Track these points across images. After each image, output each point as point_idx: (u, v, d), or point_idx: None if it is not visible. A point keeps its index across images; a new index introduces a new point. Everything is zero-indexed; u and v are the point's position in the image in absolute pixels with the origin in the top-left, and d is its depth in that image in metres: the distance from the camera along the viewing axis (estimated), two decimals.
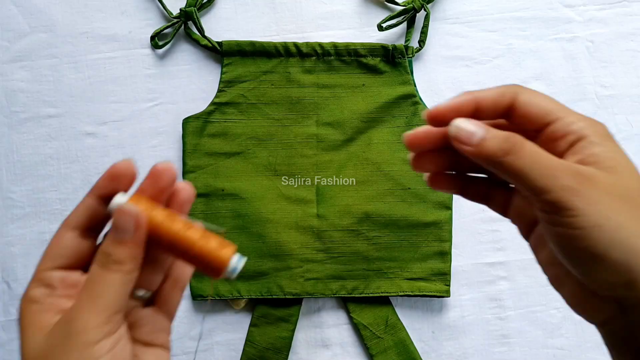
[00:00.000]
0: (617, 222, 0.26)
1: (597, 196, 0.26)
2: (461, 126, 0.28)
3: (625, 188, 0.27)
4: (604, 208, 0.26)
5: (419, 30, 0.63)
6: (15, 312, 0.60)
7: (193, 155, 0.60)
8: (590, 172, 0.27)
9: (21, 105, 0.61)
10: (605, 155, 0.27)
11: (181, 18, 0.61)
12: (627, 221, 0.26)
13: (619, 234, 0.26)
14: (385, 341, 0.60)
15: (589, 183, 0.26)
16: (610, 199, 0.26)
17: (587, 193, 0.26)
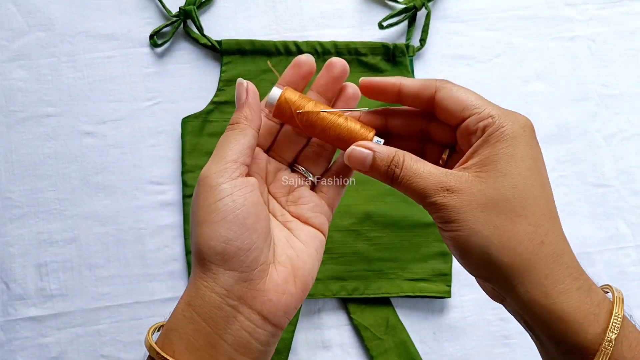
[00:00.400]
0: (472, 229, 0.30)
1: (458, 205, 0.30)
2: (355, 151, 0.33)
3: (493, 195, 0.30)
4: (464, 216, 0.30)
5: (419, 29, 0.63)
6: (14, 313, 0.59)
7: (192, 155, 0.60)
8: (456, 182, 0.30)
9: (19, 105, 0.61)
10: (488, 158, 0.30)
11: (180, 17, 0.61)
12: (482, 228, 0.30)
13: (473, 238, 0.30)
14: (385, 342, 0.59)
15: (452, 193, 0.30)
16: (469, 207, 0.30)
17: (450, 204, 0.30)
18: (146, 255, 0.60)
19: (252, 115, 0.34)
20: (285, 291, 0.33)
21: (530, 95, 0.64)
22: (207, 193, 0.32)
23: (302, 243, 0.36)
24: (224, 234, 0.31)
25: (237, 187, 0.32)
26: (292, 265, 0.34)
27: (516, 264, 0.29)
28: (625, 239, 0.63)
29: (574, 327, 0.29)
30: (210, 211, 0.31)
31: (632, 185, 0.63)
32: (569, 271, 0.30)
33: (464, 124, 0.32)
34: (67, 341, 0.60)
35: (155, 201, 0.61)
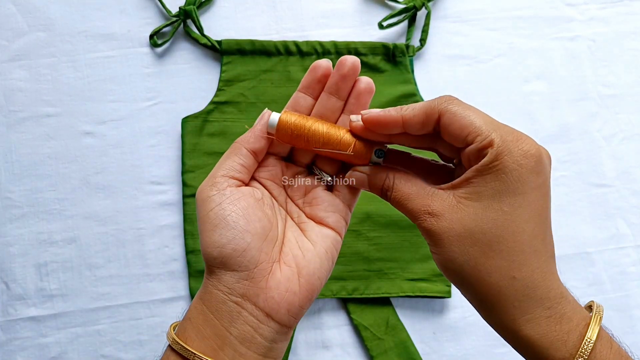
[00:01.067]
0: (449, 256, 0.31)
1: (438, 233, 0.32)
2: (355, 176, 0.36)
3: (467, 225, 0.31)
4: (440, 243, 0.32)
5: (419, 29, 0.63)
6: (14, 313, 0.59)
7: (192, 155, 0.60)
8: (438, 210, 0.32)
9: (19, 105, 0.61)
10: (475, 187, 0.31)
11: (180, 17, 0.61)
12: (459, 258, 0.31)
13: (450, 263, 0.32)
14: (385, 342, 0.59)
15: (432, 221, 0.32)
16: (446, 236, 0.31)
17: (432, 227, 0.32)
18: (146, 255, 0.60)
19: (251, 139, 0.37)
20: (288, 289, 0.34)
21: (530, 95, 0.64)
22: (201, 206, 0.35)
23: (312, 243, 0.37)
24: (217, 239, 0.34)
25: (225, 196, 0.35)
26: (296, 264, 0.36)
27: (485, 293, 0.31)
28: (625, 239, 0.63)
29: (541, 352, 0.31)
30: (204, 221, 0.35)
31: (632, 185, 0.63)
32: (540, 302, 0.31)
33: (467, 150, 0.32)
34: (67, 341, 0.60)
35: (155, 201, 0.61)
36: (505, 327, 0.31)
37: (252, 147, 0.37)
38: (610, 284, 0.62)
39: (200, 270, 0.59)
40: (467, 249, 0.31)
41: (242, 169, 0.36)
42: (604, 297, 0.62)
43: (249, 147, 0.37)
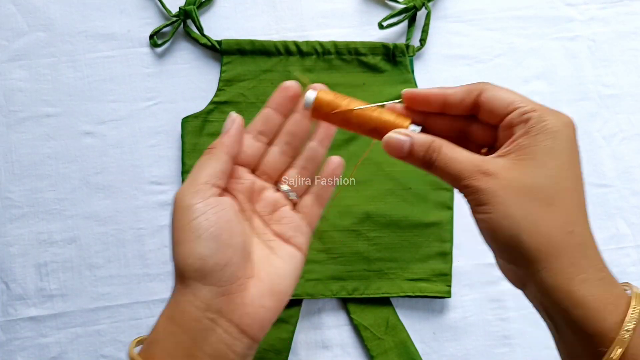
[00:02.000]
0: (505, 213, 0.31)
1: (492, 189, 0.31)
2: (392, 138, 0.34)
3: (528, 182, 0.31)
4: (497, 201, 0.31)
5: (420, 28, 0.63)
6: (14, 313, 0.60)
7: (192, 155, 0.60)
8: (493, 167, 0.32)
9: (19, 105, 0.61)
10: (527, 148, 0.31)
11: (180, 17, 0.61)
12: (515, 212, 0.31)
13: (505, 221, 0.31)
14: (385, 342, 0.59)
15: (488, 177, 0.31)
16: (505, 192, 0.31)
17: (484, 188, 0.31)
18: (146, 255, 0.60)
19: (229, 142, 0.37)
20: (262, 305, 0.35)
21: (530, 95, 0.62)
22: (182, 213, 0.34)
23: (282, 260, 0.38)
24: (200, 251, 0.33)
25: (209, 205, 0.34)
26: (270, 281, 0.36)
27: (544, 249, 0.31)
28: (625, 239, 0.63)
29: (593, 314, 0.30)
30: (186, 230, 0.34)
31: (632, 185, 0.63)
32: (593, 263, 0.31)
33: (508, 118, 0.33)
34: (67, 341, 0.60)
35: (155, 201, 0.61)
36: (557, 287, 0.31)
37: (231, 152, 0.37)
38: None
39: None
40: (525, 204, 0.31)
41: (222, 176, 0.36)
42: None
43: (228, 151, 0.37)
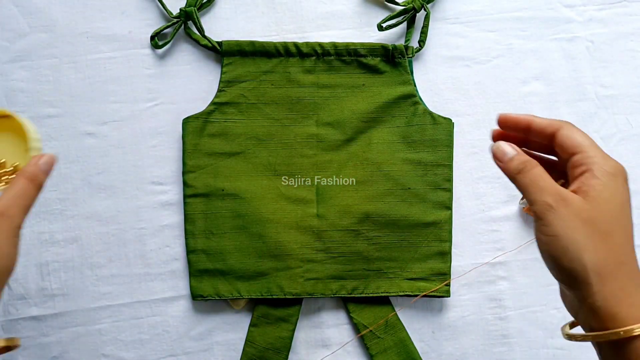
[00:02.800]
0: (572, 237, 0.35)
1: (565, 214, 0.36)
2: (500, 147, 0.40)
3: (593, 215, 0.36)
4: (566, 225, 0.36)
5: (419, 30, 0.63)
6: (16, 312, 0.60)
7: (193, 155, 0.60)
8: (569, 197, 0.36)
9: (21, 105, 0.61)
10: (595, 187, 0.36)
11: (181, 18, 0.61)
12: (580, 238, 0.35)
13: (571, 244, 0.35)
14: (385, 341, 0.60)
15: (563, 203, 0.36)
16: (575, 219, 0.36)
17: (559, 211, 0.36)
18: (147, 254, 0.61)
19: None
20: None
21: (529, 96, 0.64)
22: None
23: None
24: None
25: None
26: None
27: (601, 272, 0.35)
28: None
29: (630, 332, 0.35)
30: None
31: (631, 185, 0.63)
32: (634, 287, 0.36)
33: (575, 157, 0.38)
34: (68, 340, 0.60)
35: (156, 201, 0.61)
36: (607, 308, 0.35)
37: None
38: None
39: (201, 269, 0.59)
40: (589, 231, 0.35)
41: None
42: None
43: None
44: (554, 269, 0.37)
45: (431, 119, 0.61)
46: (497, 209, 0.63)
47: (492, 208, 0.63)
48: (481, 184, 0.63)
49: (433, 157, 0.61)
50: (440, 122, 0.61)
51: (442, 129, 0.61)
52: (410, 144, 0.61)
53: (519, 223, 0.63)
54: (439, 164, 0.61)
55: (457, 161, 0.62)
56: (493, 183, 0.63)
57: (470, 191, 0.63)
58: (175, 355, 0.60)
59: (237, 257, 0.59)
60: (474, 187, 0.63)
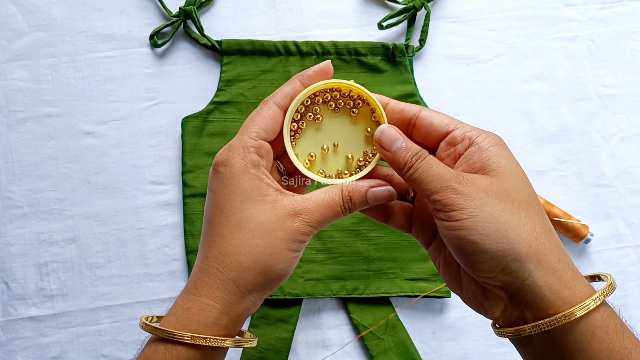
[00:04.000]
0: (490, 214, 0.31)
1: (474, 193, 0.31)
2: (388, 133, 0.34)
3: (503, 187, 0.32)
4: (479, 203, 0.31)
5: (419, 29, 0.63)
6: (15, 312, 0.60)
7: (192, 155, 0.60)
8: (471, 176, 0.32)
9: (20, 105, 0.61)
10: (490, 159, 0.32)
11: (180, 17, 0.61)
12: (499, 213, 0.31)
13: (491, 223, 0.30)
14: (385, 342, 0.60)
15: (467, 183, 0.31)
16: (485, 195, 0.31)
17: (466, 191, 0.31)
18: (146, 255, 0.60)
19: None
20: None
21: (529, 95, 0.64)
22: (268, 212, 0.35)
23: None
24: (291, 255, 0.36)
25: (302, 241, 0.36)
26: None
27: (534, 247, 0.31)
28: (624, 239, 0.63)
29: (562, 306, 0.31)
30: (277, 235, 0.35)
31: (631, 185, 0.63)
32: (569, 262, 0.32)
33: (450, 136, 0.34)
34: (68, 341, 0.60)
35: (156, 201, 0.61)
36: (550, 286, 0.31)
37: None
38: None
39: None
40: (508, 206, 0.31)
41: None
42: None
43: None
44: (473, 260, 0.31)
45: None
46: None
47: None
48: None
49: None
50: None
51: None
52: None
53: None
54: None
55: None
56: None
57: None
58: None
59: None
60: None
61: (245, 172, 0.34)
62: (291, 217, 0.34)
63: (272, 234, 0.34)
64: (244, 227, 0.34)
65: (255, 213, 0.34)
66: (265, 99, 0.37)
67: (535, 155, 0.63)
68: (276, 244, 0.34)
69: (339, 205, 0.36)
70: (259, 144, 0.35)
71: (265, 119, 0.36)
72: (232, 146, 0.35)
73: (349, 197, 0.36)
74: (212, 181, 0.35)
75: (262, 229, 0.34)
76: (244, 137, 0.35)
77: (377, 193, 0.36)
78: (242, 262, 0.33)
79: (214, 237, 0.34)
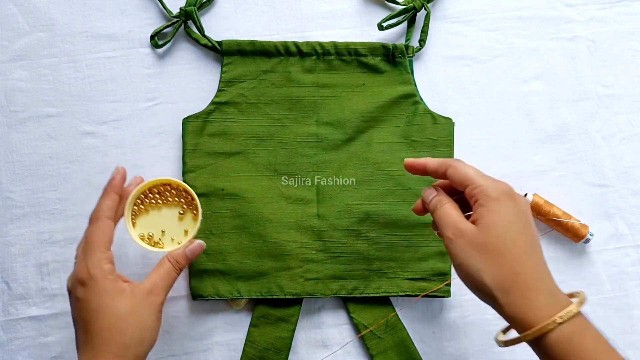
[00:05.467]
0: (470, 264, 0.42)
1: (461, 245, 0.42)
2: (426, 191, 0.48)
3: (483, 240, 0.42)
4: (464, 253, 0.42)
5: (419, 29, 0.63)
6: (15, 312, 0.60)
7: (193, 155, 0.60)
8: (465, 228, 0.43)
9: (20, 105, 0.61)
10: (481, 214, 0.42)
11: (181, 17, 0.61)
12: (476, 263, 0.42)
13: (471, 270, 0.42)
14: (385, 341, 0.60)
15: (459, 234, 0.43)
16: (469, 247, 0.42)
17: (456, 242, 0.43)
18: (147, 254, 0.60)
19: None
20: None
21: (529, 96, 0.64)
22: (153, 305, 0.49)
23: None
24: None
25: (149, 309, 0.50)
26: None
27: (500, 287, 0.41)
28: (624, 239, 0.63)
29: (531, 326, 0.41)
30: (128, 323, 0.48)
31: (631, 185, 0.63)
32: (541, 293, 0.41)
33: (467, 190, 0.44)
34: (68, 340, 0.60)
35: None
36: (515, 316, 0.41)
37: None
38: (610, 283, 0.62)
39: (201, 269, 0.59)
40: (484, 256, 0.42)
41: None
42: (603, 296, 0.62)
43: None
44: (471, 290, 0.43)
45: (431, 119, 0.61)
46: None
47: None
48: None
49: (434, 156, 0.61)
50: (440, 121, 0.61)
51: (443, 128, 0.61)
52: (411, 144, 0.61)
53: None
54: None
55: None
56: None
57: None
58: (175, 355, 0.60)
59: (237, 257, 0.59)
60: None
61: (105, 279, 0.46)
62: (147, 296, 0.47)
63: (138, 315, 0.46)
64: (118, 316, 0.45)
65: (121, 304, 0.46)
66: (96, 216, 0.49)
67: (535, 155, 0.63)
68: (143, 321, 0.46)
69: (172, 270, 0.50)
70: (108, 255, 0.48)
71: (105, 234, 0.48)
72: (88, 265, 0.46)
73: (175, 261, 0.50)
74: (80, 292, 0.46)
75: (131, 313, 0.46)
76: (96, 254, 0.47)
77: (192, 249, 0.51)
78: (124, 341, 0.45)
79: (97, 332, 0.45)
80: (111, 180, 0.51)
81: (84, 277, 0.46)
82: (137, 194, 0.52)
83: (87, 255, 0.47)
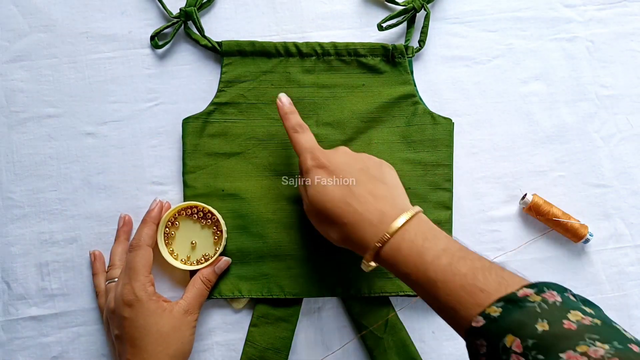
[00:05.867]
0: (318, 227, 0.52)
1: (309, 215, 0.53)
2: (283, 99, 0.55)
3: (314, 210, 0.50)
4: (314, 221, 0.52)
5: (419, 30, 0.63)
6: (16, 312, 0.60)
7: (193, 156, 0.60)
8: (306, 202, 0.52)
9: (21, 105, 0.61)
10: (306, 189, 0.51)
11: (181, 18, 0.61)
12: (322, 229, 0.52)
13: (321, 232, 0.52)
14: (385, 341, 0.60)
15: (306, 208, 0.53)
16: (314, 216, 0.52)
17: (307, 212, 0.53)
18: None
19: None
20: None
21: (529, 96, 0.64)
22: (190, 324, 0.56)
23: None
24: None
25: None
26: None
27: (343, 242, 0.50)
28: (623, 239, 0.63)
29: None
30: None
31: (630, 185, 0.64)
32: (368, 227, 0.48)
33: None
34: (68, 340, 0.60)
35: None
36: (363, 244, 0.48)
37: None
38: (609, 283, 0.63)
39: None
40: (322, 224, 0.51)
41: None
42: (603, 296, 0.62)
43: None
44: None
45: (431, 119, 0.61)
46: (497, 209, 0.63)
47: (492, 208, 0.63)
48: (481, 184, 0.63)
49: (433, 157, 0.61)
50: (440, 122, 0.61)
51: (442, 129, 0.61)
52: (410, 144, 0.61)
53: (519, 223, 0.63)
54: (439, 164, 0.61)
55: (457, 161, 0.62)
56: (493, 183, 0.63)
57: (470, 191, 0.63)
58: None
59: (237, 257, 0.59)
60: (474, 187, 0.63)
61: (150, 300, 0.53)
62: (184, 315, 0.54)
63: (179, 331, 0.53)
64: (163, 333, 0.52)
65: (164, 322, 0.53)
66: (137, 244, 0.55)
67: (535, 155, 0.63)
68: (184, 336, 0.54)
69: (204, 289, 0.57)
70: (150, 279, 0.54)
71: (147, 260, 0.54)
72: (134, 288, 0.53)
73: (207, 279, 0.57)
74: (127, 312, 0.52)
75: (173, 329, 0.53)
76: (140, 278, 0.53)
77: (219, 266, 0.58)
78: (169, 353, 0.52)
79: (145, 346, 0.51)
80: (150, 211, 0.57)
81: (130, 299, 0.52)
82: (167, 218, 0.58)
83: (132, 279, 0.53)
